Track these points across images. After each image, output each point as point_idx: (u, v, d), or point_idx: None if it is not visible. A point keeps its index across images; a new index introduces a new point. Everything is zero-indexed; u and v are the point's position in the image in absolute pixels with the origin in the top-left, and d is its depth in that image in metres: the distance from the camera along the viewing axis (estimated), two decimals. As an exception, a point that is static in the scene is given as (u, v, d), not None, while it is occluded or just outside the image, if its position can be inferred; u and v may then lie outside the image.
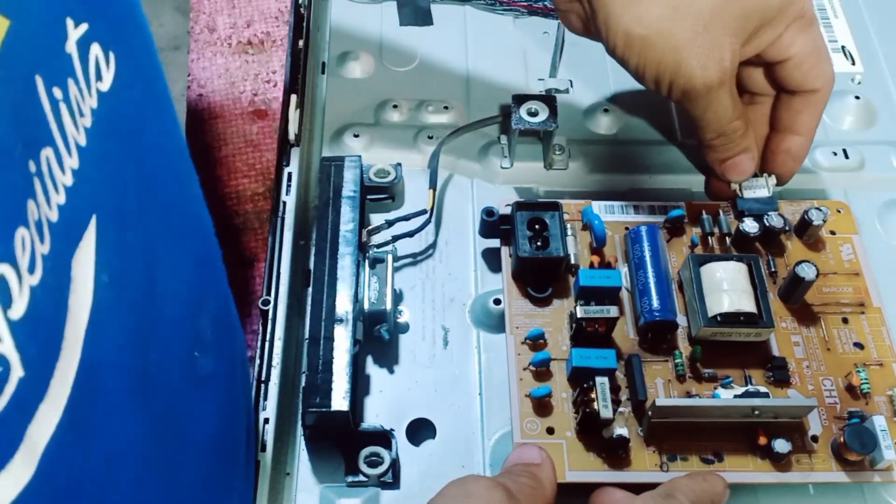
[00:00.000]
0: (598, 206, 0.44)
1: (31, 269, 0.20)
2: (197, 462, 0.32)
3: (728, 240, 0.43)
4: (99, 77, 0.23)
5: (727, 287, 0.39)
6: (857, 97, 0.50)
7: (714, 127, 0.41)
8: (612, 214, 0.44)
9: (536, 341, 0.40)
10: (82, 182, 0.22)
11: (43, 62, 0.21)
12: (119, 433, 0.25)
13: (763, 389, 0.38)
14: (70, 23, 0.22)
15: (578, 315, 0.38)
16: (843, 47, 0.53)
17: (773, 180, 0.43)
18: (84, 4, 0.23)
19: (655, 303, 0.39)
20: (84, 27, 0.22)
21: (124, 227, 0.25)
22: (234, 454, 0.36)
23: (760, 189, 0.43)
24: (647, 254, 0.41)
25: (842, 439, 0.37)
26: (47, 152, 0.21)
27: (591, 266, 0.41)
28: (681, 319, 0.40)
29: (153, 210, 0.27)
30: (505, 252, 0.43)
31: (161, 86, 0.28)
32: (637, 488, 0.35)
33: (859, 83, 0.52)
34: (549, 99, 0.46)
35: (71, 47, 0.22)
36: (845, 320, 0.41)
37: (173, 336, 0.30)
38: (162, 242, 0.28)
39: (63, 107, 0.21)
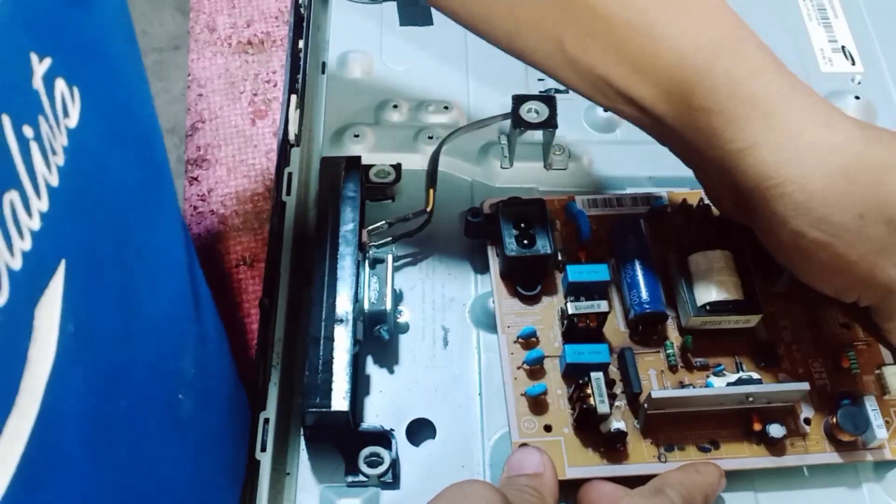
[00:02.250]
0: (581, 201, 0.44)
1: None
2: (176, 500, 0.32)
3: (711, 228, 0.43)
4: (66, 113, 0.22)
5: (714, 275, 0.39)
6: (857, 97, 0.50)
7: None
8: (595, 208, 0.44)
9: (529, 339, 0.40)
10: (52, 225, 0.21)
11: (9, 100, 0.19)
12: (78, 487, 0.24)
13: (755, 375, 0.39)
14: (34, 58, 0.21)
15: (570, 311, 0.39)
16: (843, 47, 0.54)
17: None
18: (46, 38, 0.21)
19: (645, 295, 0.40)
20: (48, 62, 0.21)
21: (99, 269, 0.24)
22: (216, 488, 0.36)
23: None
24: (634, 246, 0.41)
25: (834, 420, 0.37)
26: (11, 196, 0.19)
27: (579, 261, 0.41)
28: (668, 310, 0.40)
29: (130, 249, 0.26)
30: (492, 252, 0.43)
31: (131, 118, 0.27)
32: (636, 481, 0.35)
33: (859, 83, 0.52)
34: (549, 99, 0.45)
35: (38, 83, 0.21)
36: (830, 301, 0.41)
37: (151, 379, 0.29)
38: (141, 283, 0.27)
39: (34, 146, 0.20)
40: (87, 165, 0.23)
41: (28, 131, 0.20)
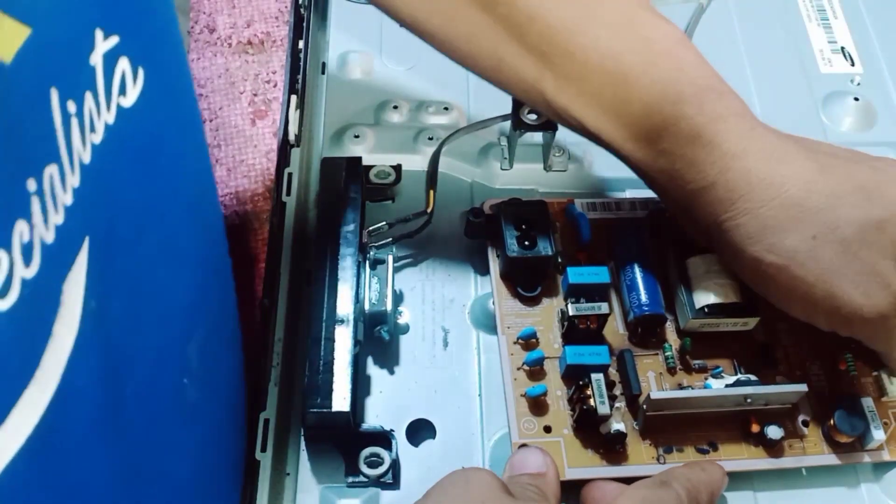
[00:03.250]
0: (581, 204, 0.44)
1: (2, 294, 0.18)
2: (178, 491, 0.32)
3: None
4: (123, 92, 0.22)
5: (713, 278, 0.39)
6: (857, 98, 0.51)
7: None
8: (595, 211, 0.44)
9: (529, 341, 0.40)
10: (81, 202, 0.21)
11: (62, 74, 0.20)
12: (86, 465, 0.24)
13: (753, 377, 0.39)
14: (99, 34, 0.21)
15: (570, 313, 0.39)
16: (842, 48, 0.54)
17: None
18: (117, 17, 0.22)
19: (644, 297, 0.40)
20: (114, 40, 0.21)
21: (114, 250, 0.24)
22: (218, 481, 0.36)
23: None
24: (633, 249, 0.41)
25: (832, 422, 0.38)
26: (51, 169, 0.20)
27: (579, 263, 0.41)
28: (667, 312, 0.40)
29: (155, 233, 0.26)
30: (492, 253, 0.43)
31: (190, 107, 0.27)
32: (635, 482, 0.35)
33: (859, 84, 0.52)
34: (549, 100, 0.45)
35: (96, 59, 0.21)
36: None
37: (159, 364, 0.29)
38: (159, 267, 0.27)
39: (74, 121, 0.20)
40: (131, 145, 0.23)
41: (71, 106, 0.20)
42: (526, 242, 0.41)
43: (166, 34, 0.25)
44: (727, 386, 0.38)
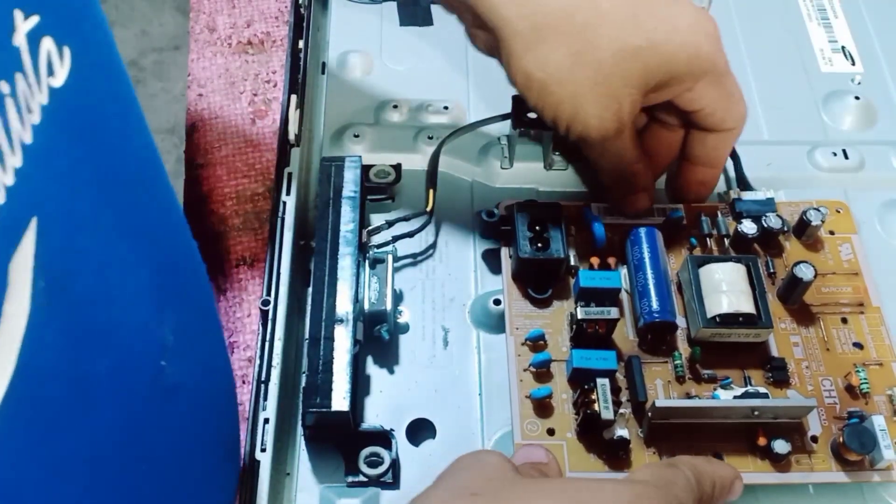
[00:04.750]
0: (597, 208, 0.44)
1: None
2: (162, 474, 0.32)
3: (727, 241, 0.43)
4: (51, 72, 0.22)
5: (726, 288, 0.39)
6: (857, 97, 0.50)
7: (610, 172, 0.42)
8: (611, 216, 0.43)
9: (537, 342, 0.40)
10: (24, 182, 0.21)
11: None
12: (57, 445, 0.24)
13: (762, 390, 0.38)
14: (19, 15, 0.21)
15: (579, 316, 0.38)
16: (843, 47, 0.54)
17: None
18: None
19: (655, 304, 0.39)
20: (35, 20, 0.21)
21: (72, 229, 0.24)
22: (206, 465, 0.36)
23: None
24: (647, 255, 0.41)
25: (841, 439, 0.37)
26: None
27: (591, 267, 0.41)
28: (680, 321, 0.40)
29: (111, 211, 0.26)
30: (505, 253, 0.43)
31: (124, 84, 0.27)
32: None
33: (859, 83, 0.52)
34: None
35: (19, 40, 0.21)
36: (844, 320, 0.41)
37: (135, 343, 0.29)
38: (120, 245, 0.27)
39: (10, 102, 0.21)
40: (69, 125, 0.23)
41: (4, 87, 0.20)
42: (539, 244, 0.41)
43: (88, 11, 0.25)
44: (735, 398, 0.38)
